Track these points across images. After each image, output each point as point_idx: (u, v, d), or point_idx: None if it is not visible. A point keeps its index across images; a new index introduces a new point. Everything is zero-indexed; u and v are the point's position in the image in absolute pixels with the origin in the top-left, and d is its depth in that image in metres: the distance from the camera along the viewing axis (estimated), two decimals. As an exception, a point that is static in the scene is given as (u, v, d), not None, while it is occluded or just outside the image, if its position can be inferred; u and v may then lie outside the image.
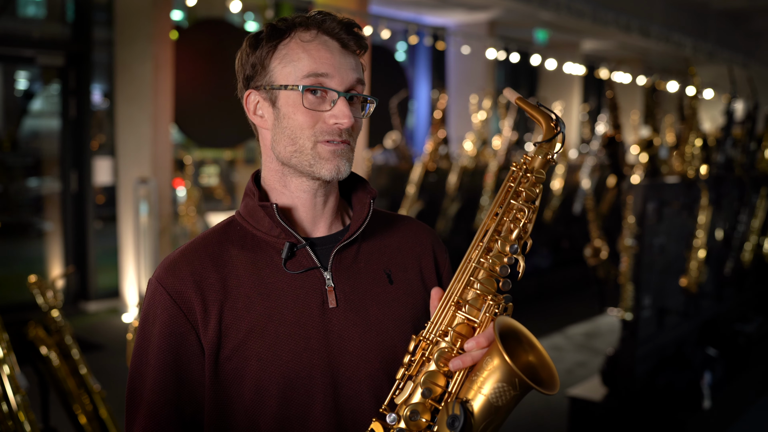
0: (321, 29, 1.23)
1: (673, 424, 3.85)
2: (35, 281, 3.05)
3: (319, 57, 1.21)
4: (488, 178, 7.47)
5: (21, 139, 7.48)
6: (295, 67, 1.22)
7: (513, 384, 1.08)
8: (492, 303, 1.17)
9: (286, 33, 1.24)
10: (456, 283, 1.20)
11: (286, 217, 1.28)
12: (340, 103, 1.21)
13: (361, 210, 1.31)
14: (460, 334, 1.17)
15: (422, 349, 1.17)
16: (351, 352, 1.24)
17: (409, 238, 1.39)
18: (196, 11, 7.87)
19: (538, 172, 1.21)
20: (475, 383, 1.11)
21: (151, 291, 1.24)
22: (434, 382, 1.14)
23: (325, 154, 1.22)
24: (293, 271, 1.25)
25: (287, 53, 1.23)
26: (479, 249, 1.20)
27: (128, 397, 1.24)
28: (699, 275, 4.46)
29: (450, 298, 1.19)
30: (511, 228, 1.20)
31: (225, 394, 1.22)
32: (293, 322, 1.22)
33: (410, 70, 11.31)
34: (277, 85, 1.23)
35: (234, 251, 1.26)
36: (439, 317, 1.19)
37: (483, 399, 1.09)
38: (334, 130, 1.22)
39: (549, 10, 9.52)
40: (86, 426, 2.94)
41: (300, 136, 1.22)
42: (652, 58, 14.50)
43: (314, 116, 1.22)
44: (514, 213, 1.21)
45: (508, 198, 1.21)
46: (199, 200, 6.95)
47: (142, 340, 1.24)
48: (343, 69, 1.22)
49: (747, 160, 5.56)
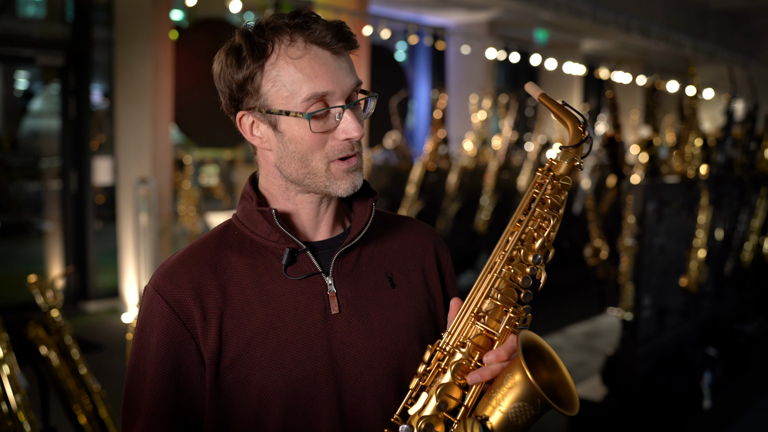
0: (308, 40, 1.14)
1: (673, 424, 3.85)
2: (35, 281, 3.05)
3: (314, 75, 1.14)
4: (488, 178, 7.47)
5: (21, 139, 7.49)
6: (292, 90, 1.14)
7: (534, 403, 1.04)
8: (513, 315, 1.13)
9: (269, 48, 1.15)
10: (475, 293, 1.15)
11: (286, 221, 1.25)
12: (347, 116, 1.16)
13: (362, 213, 1.27)
14: (477, 346, 1.13)
15: (438, 360, 1.14)
16: (355, 358, 1.21)
17: (410, 239, 1.35)
18: (196, 11, 7.86)
19: (563, 179, 1.16)
20: (493, 399, 1.06)
21: (147, 299, 1.20)
22: (449, 395, 1.10)
23: (340, 174, 1.18)
24: (294, 277, 1.21)
25: (278, 74, 1.15)
26: (501, 258, 1.16)
27: (125, 406, 1.20)
28: (699, 275, 4.45)
29: (469, 308, 1.15)
30: (535, 237, 1.15)
31: (227, 404, 1.19)
32: (295, 330, 1.19)
33: (410, 70, 11.31)
34: (276, 110, 1.16)
35: (233, 257, 1.22)
36: (457, 327, 1.15)
37: (501, 416, 1.05)
38: (345, 146, 1.18)
39: (549, 10, 9.52)
40: (86, 426, 2.94)
41: (312, 159, 1.17)
42: (652, 58, 14.50)
43: (323, 137, 1.17)
44: (538, 221, 1.16)
45: (533, 205, 1.16)
46: (199, 200, 6.94)
47: (139, 350, 1.20)
48: (341, 79, 1.16)
49: (747, 160, 5.56)
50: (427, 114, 11.21)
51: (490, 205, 7.41)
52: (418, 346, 1.27)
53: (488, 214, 7.43)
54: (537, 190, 1.17)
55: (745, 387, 4.74)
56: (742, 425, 4.58)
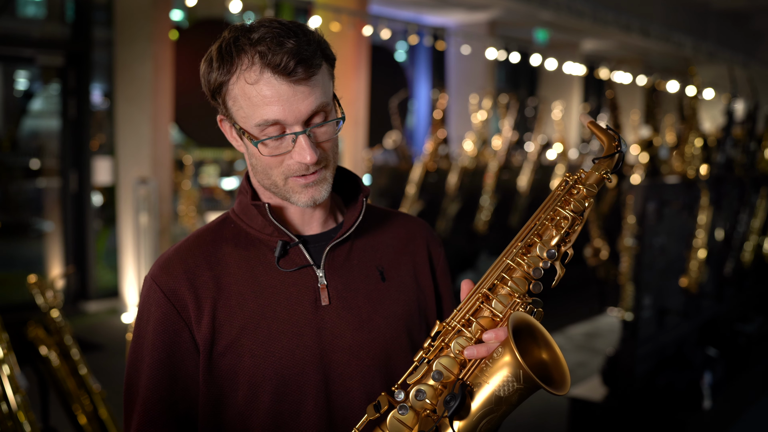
0: (265, 65, 1.14)
1: (673, 424, 3.85)
2: (35, 281, 3.05)
3: (264, 103, 1.16)
4: (488, 179, 7.46)
5: (21, 139, 7.49)
6: (245, 114, 1.19)
7: (517, 378, 1.09)
8: (519, 301, 1.17)
9: (234, 66, 1.17)
10: (488, 277, 1.19)
11: (279, 215, 1.30)
12: (299, 141, 1.19)
13: (354, 207, 1.32)
14: (482, 326, 1.17)
15: (443, 336, 1.17)
16: (343, 349, 1.26)
17: (402, 234, 1.39)
18: (195, 11, 7.86)
19: (590, 186, 1.19)
20: (484, 373, 1.11)
21: (146, 289, 1.26)
22: (447, 368, 1.14)
23: (297, 188, 1.23)
24: (286, 269, 1.26)
25: (236, 96, 1.19)
26: (517, 248, 1.19)
27: (125, 392, 1.26)
28: (699, 275, 4.46)
29: (479, 289, 1.19)
30: (553, 234, 1.19)
31: (219, 390, 1.24)
32: (286, 320, 1.24)
33: (410, 70, 11.31)
34: (238, 127, 1.22)
35: (227, 249, 1.27)
36: (465, 307, 1.18)
37: (486, 387, 1.10)
38: (301, 167, 1.21)
39: (549, 10, 9.51)
40: (86, 426, 2.94)
41: (270, 174, 1.23)
42: (652, 58, 14.50)
43: (279, 158, 1.21)
44: (558, 220, 1.19)
45: (554, 204, 1.20)
46: (199, 200, 6.94)
47: (137, 337, 1.26)
48: (295, 104, 1.16)
49: (747, 160, 5.56)
50: (427, 114, 11.21)
51: (490, 205, 7.41)
52: (406, 339, 1.32)
53: (488, 215, 7.43)
54: (560, 191, 1.21)
55: (745, 387, 4.73)
56: (742, 425, 4.58)
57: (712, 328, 4.86)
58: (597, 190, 1.20)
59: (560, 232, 1.19)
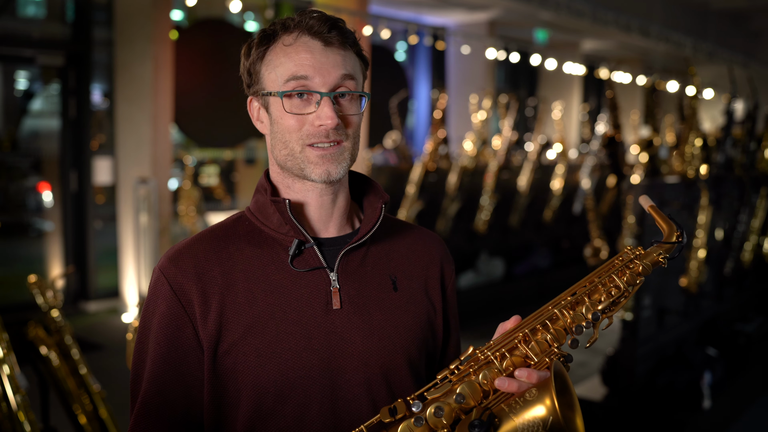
0: (302, 29, 1.22)
1: (673, 424, 3.85)
2: (35, 281, 3.05)
3: (298, 59, 1.21)
4: (488, 178, 7.46)
5: (21, 139, 7.49)
6: (278, 73, 1.23)
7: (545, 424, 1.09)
8: (556, 351, 1.18)
9: (273, 38, 1.24)
10: (532, 320, 1.19)
11: (297, 213, 1.29)
12: (323, 104, 1.21)
13: (371, 214, 1.31)
14: (513, 364, 1.16)
15: (473, 362, 1.16)
16: (352, 354, 1.24)
17: (418, 247, 1.38)
18: (196, 11, 7.86)
19: (645, 265, 1.22)
20: (513, 409, 1.11)
21: (154, 280, 1.25)
22: (471, 394, 1.13)
23: (314, 158, 1.23)
24: (299, 269, 1.24)
25: (272, 59, 1.24)
26: (566, 301, 1.21)
27: (132, 381, 1.26)
28: (699, 275, 4.46)
29: (521, 329, 1.18)
30: (602, 299, 1.21)
31: (223, 388, 1.22)
32: (295, 321, 1.22)
33: (410, 70, 11.31)
34: (266, 91, 1.25)
35: (240, 245, 1.26)
36: (502, 341, 1.18)
37: (511, 422, 1.10)
38: (320, 132, 1.21)
39: (549, 10, 9.51)
40: (86, 426, 2.94)
41: (289, 140, 1.23)
42: (652, 58, 14.50)
43: (300, 119, 1.22)
44: (610, 287, 1.22)
45: (611, 272, 1.22)
46: (199, 200, 6.94)
47: (143, 328, 1.26)
48: (326, 68, 1.21)
49: (747, 160, 5.56)
50: (427, 114, 11.21)
51: (490, 205, 7.41)
52: (415, 351, 1.30)
53: (488, 214, 7.43)
54: (619, 261, 1.24)
55: (745, 387, 4.73)
56: (742, 425, 4.58)
57: (711, 327, 4.86)
58: (651, 270, 1.23)
59: (609, 299, 1.21)
